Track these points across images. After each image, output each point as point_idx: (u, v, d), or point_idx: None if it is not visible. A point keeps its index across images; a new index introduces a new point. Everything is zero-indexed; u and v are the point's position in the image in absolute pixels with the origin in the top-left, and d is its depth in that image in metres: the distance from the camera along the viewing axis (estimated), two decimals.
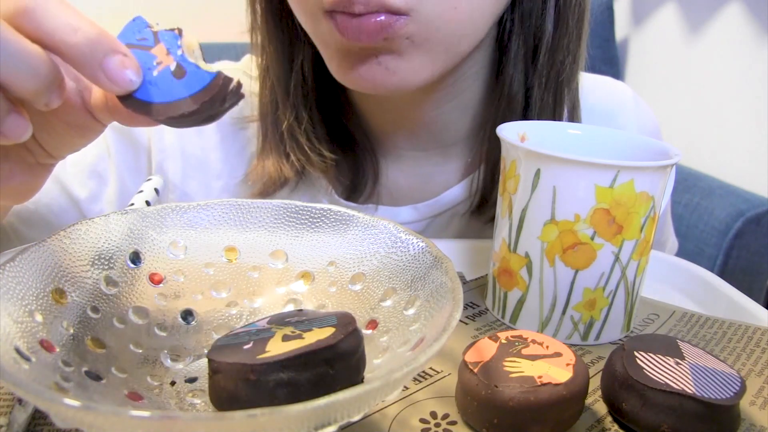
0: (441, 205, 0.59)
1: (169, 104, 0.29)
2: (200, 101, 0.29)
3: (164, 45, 0.30)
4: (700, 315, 0.44)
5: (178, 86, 0.29)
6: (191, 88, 0.29)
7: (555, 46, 0.52)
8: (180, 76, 0.29)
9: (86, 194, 0.57)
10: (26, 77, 0.27)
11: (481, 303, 0.44)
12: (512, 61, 0.52)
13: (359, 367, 0.28)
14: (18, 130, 0.28)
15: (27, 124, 0.29)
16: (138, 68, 0.29)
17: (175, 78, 0.29)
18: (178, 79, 0.29)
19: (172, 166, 0.59)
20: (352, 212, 0.35)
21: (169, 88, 0.29)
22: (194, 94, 0.29)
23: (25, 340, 0.26)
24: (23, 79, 0.27)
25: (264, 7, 0.54)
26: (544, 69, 0.52)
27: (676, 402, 0.30)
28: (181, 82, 0.29)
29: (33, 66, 0.27)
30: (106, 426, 0.20)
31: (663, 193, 0.39)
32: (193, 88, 0.29)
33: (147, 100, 0.29)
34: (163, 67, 0.30)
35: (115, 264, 0.33)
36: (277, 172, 0.56)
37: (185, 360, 0.33)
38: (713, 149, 1.47)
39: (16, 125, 0.28)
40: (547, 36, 0.51)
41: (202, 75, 0.29)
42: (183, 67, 0.30)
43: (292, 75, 0.54)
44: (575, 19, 0.51)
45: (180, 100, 0.29)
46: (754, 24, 1.41)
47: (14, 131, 0.28)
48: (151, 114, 0.29)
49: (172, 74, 0.30)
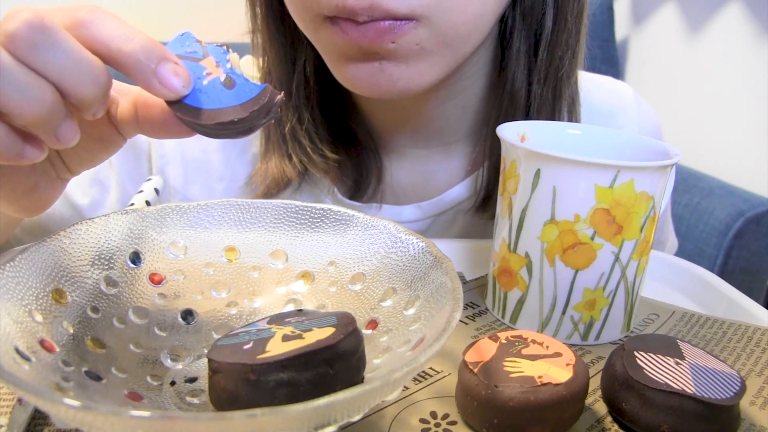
0: (445, 203, 0.59)
1: (219, 110, 0.30)
2: (249, 109, 0.30)
3: (213, 58, 0.31)
4: (700, 315, 0.44)
5: (227, 95, 0.30)
6: (241, 98, 0.30)
7: (554, 42, 0.52)
8: (230, 86, 0.31)
9: (88, 202, 0.57)
10: (88, 85, 0.28)
11: (481, 303, 0.44)
12: (514, 58, 0.52)
13: (359, 367, 0.28)
14: (70, 134, 0.30)
15: (78, 131, 0.30)
16: (189, 77, 0.30)
17: (225, 87, 0.31)
18: (228, 88, 0.31)
19: (173, 171, 0.59)
20: (352, 212, 0.35)
21: (218, 96, 0.31)
22: (244, 102, 0.30)
23: (25, 340, 0.26)
24: (85, 87, 0.28)
25: (264, 10, 0.54)
26: (543, 64, 0.52)
27: (676, 402, 0.30)
28: (230, 92, 0.31)
29: (95, 75, 0.28)
30: (106, 426, 0.20)
31: (663, 193, 0.39)
32: (242, 98, 0.30)
33: (197, 106, 0.30)
34: (213, 77, 0.31)
35: (115, 264, 0.33)
36: (280, 173, 0.56)
37: (185, 360, 0.33)
38: (713, 149, 1.47)
39: (71, 131, 0.29)
40: (546, 31, 0.51)
41: (251, 86, 0.31)
42: (232, 78, 0.31)
43: (294, 77, 0.54)
44: (574, 15, 0.51)
45: (230, 108, 0.30)
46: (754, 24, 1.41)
47: (68, 136, 0.29)
48: (200, 119, 0.30)
49: (222, 84, 0.31)
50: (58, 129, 0.29)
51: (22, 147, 0.29)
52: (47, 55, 0.27)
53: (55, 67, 0.27)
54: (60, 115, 0.29)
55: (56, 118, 0.28)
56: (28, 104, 0.27)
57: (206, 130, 0.31)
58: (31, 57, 0.27)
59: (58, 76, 0.28)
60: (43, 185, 0.36)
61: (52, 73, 0.27)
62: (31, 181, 0.35)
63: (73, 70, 0.28)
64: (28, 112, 0.27)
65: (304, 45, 0.53)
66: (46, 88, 0.28)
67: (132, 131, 0.34)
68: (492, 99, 0.56)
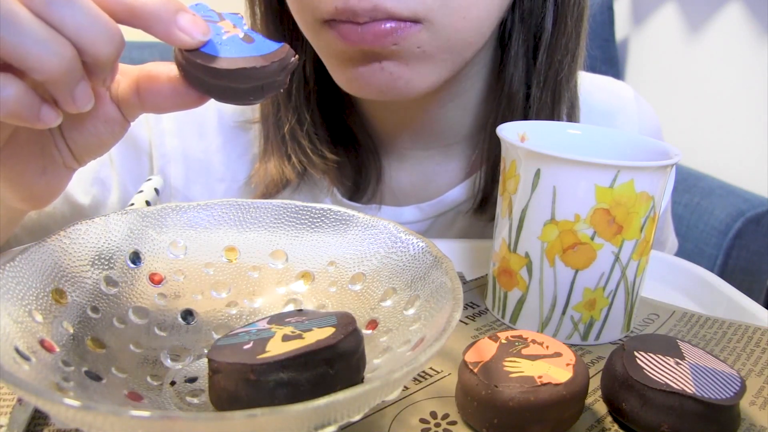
0: (444, 204, 0.59)
1: (240, 58, 0.30)
2: (270, 60, 0.30)
3: (230, 21, 0.32)
4: (700, 315, 0.44)
5: (247, 47, 0.31)
6: (261, 51, 0.31)
7: (554, 45, 0.52)
8: (249, 41, 0.31)
9: (89, 201, 0.57)
10: (105, 44, 0.28)
11: (481, 303, 0.44)
12: (513, 60, 0.52)
13: (359, 367, 0.28)
14: (86, 97, 0.30)
15: (92, 96, 0.30)
16: (207, 26, 0.31)
17: (244, 42, 0.31)
18: (247, 43, 0.31)
19: (174, 170, 0.59)
20: (352, 212, 0.35)
21: (239, 47, 0.31)
22: (264, 54, 0.31)
23: (25, 340, 0.26)
24: (102, 45, 0.28)
25: (264, 10, 0.54)
26: (542, 67, 0.52)
27: (676, 402, 0.30)
28: (250, 45, 0.31)
29: (111, 34, 0.28)
30: (106, 426, 0.20)
31: (663, 193, 0.39)
32: (262, 51, 0.31)
33: (215, 54, 0.31)
34: (232, 34, 0.31)
35: (115, 264, 0.33)
36: (279, 174, 0.56)
37: (185, 360, 0.33)
38: (713, 149, 1.47)
39: (86, 93, 0.30)
40: (546, 35, 0.51)
41: (270, 44, 0.31)
42: (251, 36, 0.31)
43: (294, 77, 0.54)
44: (574, 18, 0.51)
45: (250, 57, 0.31)
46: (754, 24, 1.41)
47: (84, 98, 0.30)
48: (221, 64, 0.30)
49: (241, 40, 0.31)
50: (75, 89, 0.29)
51: (39, 107, 0.29)
52: (64, 11, 0.27)
53: (72, 24, 0.27)
54: (77, 74, 0.29)
55: (74, 76, 0.28)
56: (48, 58, 0.27)
57: (222, 84, 0.31)
58: (48, 13, 0.27)
59: (75, 32, 0.28)
60: (51, 171, 0.35)
61: (69, 30, 0.27)
62: (40, 164, 0.34)
63: (90, 27, 0.28)
64: (49, 67, 0.27)
65: (303, 45, 0.53)
66: (65, 43, 0.28)
67: (135, 111, 0.34)
68: (491, 101, 0.56)
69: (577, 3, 0.51)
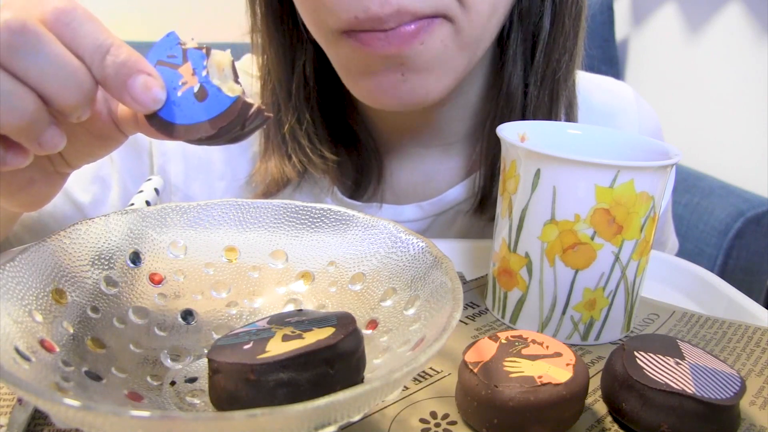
0: (445, 203, 0.59)
1: (189, 126, 0.30)
2: (218, 126, 0.30)
3: (191, 64, 0.31)
4: (700, 315, 0.44)
5: (198, 109, 0.30)
6: (210, 112, 0.30)
7: (551, 44, 0.52)
8: (202, 98, 0.30)
9: (89, 199, 0.57)
10: (71, 91, 0.27)
11: (481, 303, 0.44)
12: (511, 59, 0.52)
13: (359, 367, 0.28)
14: (55, 141, 0.29)
15: (63, 137, 0.29)
16: (162, 89, 0.30)
17: (197, 100, 0.30)
18: (199, 101, 0.30)
19: (174, 168, 0.59)
20: (352, 212, 0.35)
21: (190, 110, 0.30)
22: (212, 118, 0.30)
23: (25, 340, 0.26)
24: (68, 93, 0.27)
25: (264, 10, 0.54)
26: (540, 66, 0.52)
27: (676, 402, 0.30)
28: (201, 105, 0.30)
29: (78, 80, 0.27)
30: (106, 426, 0.20)
31: (663, 193, 0.39)
32: (212, 112, 0.30)
33: (170, 121, 0.30)
34: (187, 88, 0.30)
35: (115, 264, 0.33)
36: (280, 173, 0.56)
37: (185, 360, 0.33)
38: (713, 149, 1.47)
39: (55, 137, 0.29)
40: (544, 34, 0.51)
41: (223, 99, 0.30)
42: (205, 89, 0.30)
43: (294, 77, 0.54)
44: (572, 18, 0.52)
45: (199, 124, 0.30)
46: (754, 24, 1.41)
47: (52, 143, 0.29)
48: (173, 134, 0.30)
49: (194, 96, 0.30)
50: (41, 136, 0.28)
51: (3, 154, 0.28)
52: (28, 60, 0.26)
53: (36, 73, 0.26)
54: (43, 123, 0.28)
55: (39, 125, 0.28)
56: (8, 113, 0.26)
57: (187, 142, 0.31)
58: (11, 62, 0.26)
59: (40, 82, 0.27)
60: (41, 180, 0.35)
61: (33, 79, 0.27)
62: (27, 176, 0.34)
63: (55, 75, 0.27)
64: (8, 121, 0.26)
65: (303, 45, 0.53)
66: (28, 96, 0.27)
67: (132, 130, 0.34)
68: (489, 99, 0.56)
69: (575, 2, 0.51)
